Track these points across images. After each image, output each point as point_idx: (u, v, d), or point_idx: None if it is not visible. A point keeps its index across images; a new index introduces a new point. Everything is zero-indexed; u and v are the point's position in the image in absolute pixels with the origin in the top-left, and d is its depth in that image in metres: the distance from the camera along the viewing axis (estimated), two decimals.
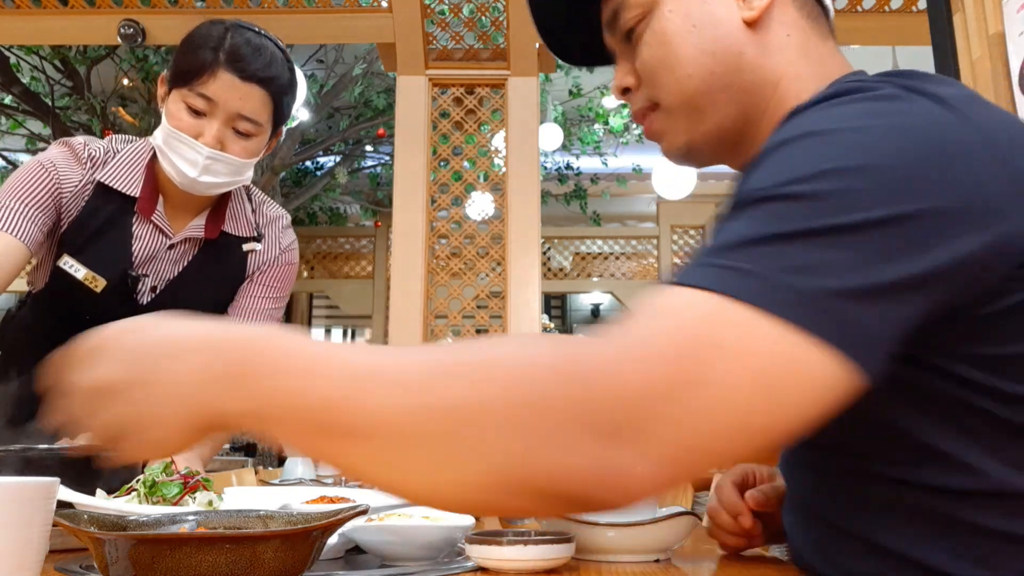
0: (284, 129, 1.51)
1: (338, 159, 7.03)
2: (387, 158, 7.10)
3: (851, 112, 0.54)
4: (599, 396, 0.44)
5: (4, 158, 6.48)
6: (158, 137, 1.32)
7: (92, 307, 1.34)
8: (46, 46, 5.17)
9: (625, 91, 0.77)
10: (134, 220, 1.35)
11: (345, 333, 10.68)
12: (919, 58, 3.00)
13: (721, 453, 0.46)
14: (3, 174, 6.64)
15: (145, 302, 1.37)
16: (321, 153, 6.74)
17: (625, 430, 0.44)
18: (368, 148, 7.02)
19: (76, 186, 1.33)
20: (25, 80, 5.55)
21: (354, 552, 0.85)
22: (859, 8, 3.27)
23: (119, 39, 3.30)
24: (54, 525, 0.54)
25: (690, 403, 0.44)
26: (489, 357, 0.47)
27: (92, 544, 0.56)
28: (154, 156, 1.37)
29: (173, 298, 1.38)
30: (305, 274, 8.74)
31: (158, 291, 1.38)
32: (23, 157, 6.49)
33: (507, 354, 0.47)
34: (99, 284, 1.33)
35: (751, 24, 0.69)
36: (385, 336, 7.71)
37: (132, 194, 1.34)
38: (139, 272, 1.36)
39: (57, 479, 0.54)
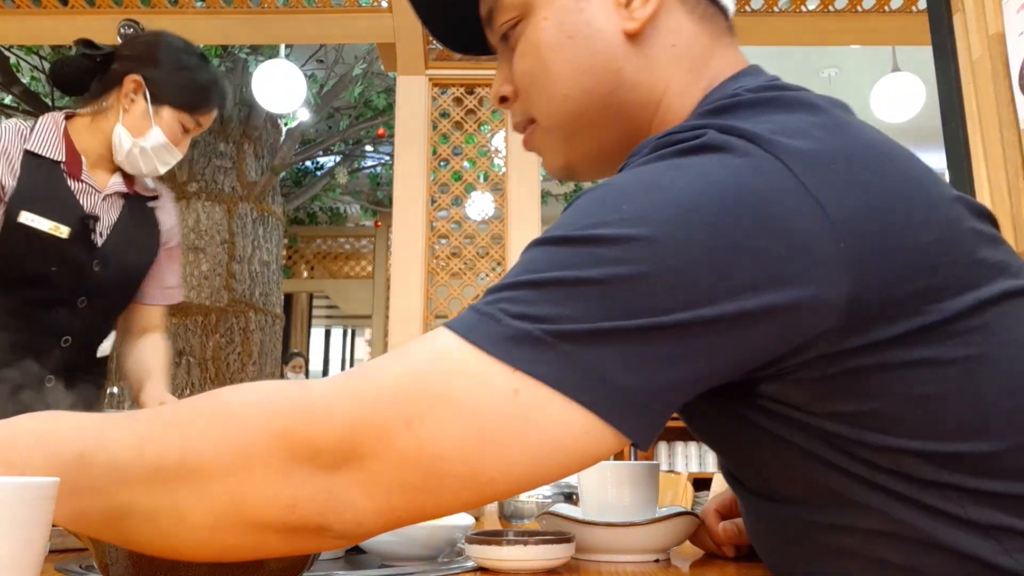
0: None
1: (338, 159, 7.02)
2: (387, 158, 7.10)
3: (651, 170, 0.51)
4: (318, 432, 0.45)
5: None
6: (147, 143, 1.56)
7: (57, 256, 1.52)
8: (46, 46, 5.16)
9: (503, 99, 0.70)
10: (67, 179, 1.56)
11: (345, 333, 10.68)
12: (919, 58, 3.01)
13: (442, 496, 0.46)
14: None
15: (100, 244, 1.57)
16: (321, 153, 6.73)
17: (345, 463, 0.45)
18: (368, 148, 7.01)
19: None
20: (25, 80, 5.54)
21: (354, 552, 0.85)
22: (859, 8, 3.27)
23: (119, 39, 3.29)
24: (54, 525, 0.54)
25: (399, 444, 0.45)
26: (215, 407, 0.48)
27: (92, 544, 0.56)
28: (66, 128, 1.60)
29: (119, 241, 1.61)
30: (305, 274, 8.74)
31: (105, 236, 1.59)
32: None
33: (233, 401, 0.48)
34: (63, 231, 1.52)
35: (632, 36, 0.63)
36: (385, 336, 7.70)
37: (58, 159, 1.55)
38: (93, 215, 1.56)
39: (57, 479, 0.54)
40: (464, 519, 0.81)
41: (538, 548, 0.71)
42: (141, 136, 1.56)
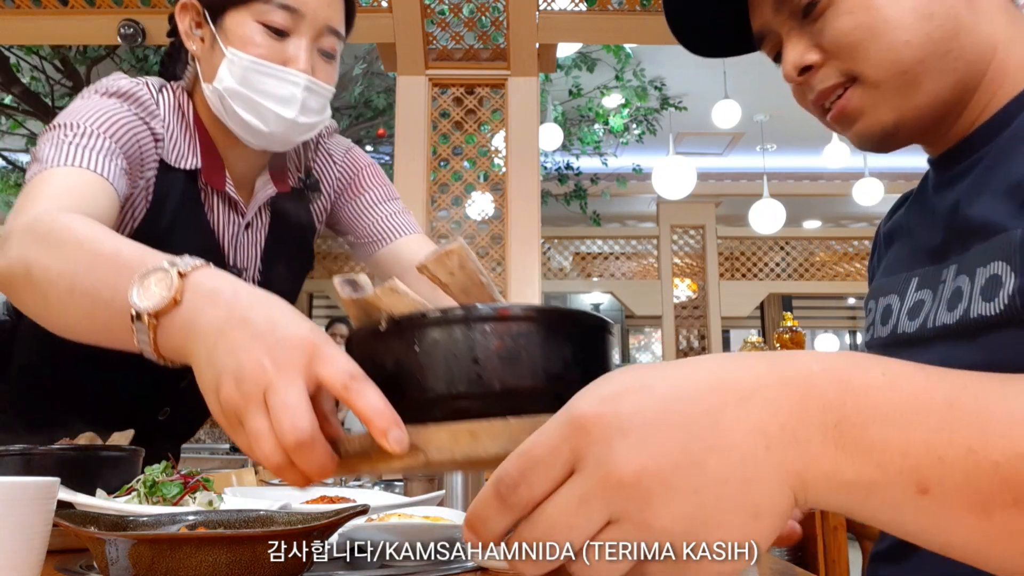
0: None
1: None
2: (387, 158, 7.10)
3: None
4: None
5: (4, 158, 6.48)
6: (229, 79, 0.99)
7: None
8: (46, 46, 5.16)
9: (807, 69, 0.70)
10: (203, 198, 1.07)
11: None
12: None
13: None
14: (3, 174, 6.63)
15: None
16: None
17: None
18: (368, 148, 7.02)
19: (151, 163, 1.03)
20: (25, 80, 5.55)
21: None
22: None
23: (119, 39, 3.30)
24: (54, 525, 0.54)
25: None
26: None
27: (92, 544, 0.56)
28: (195, 107, 1.08)
29: (266, 285, 1.08)
30: None
31: (255, 282, 1.12)
32: (23, 157, 6.48)
33: None
34: None
35: None
36: None
37: (194, 167, 1.05)
38: (235, 266, 1.11)
39: (57, 479, 0.54)
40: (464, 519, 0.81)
41: None
42: (217, 79, 1.00)
